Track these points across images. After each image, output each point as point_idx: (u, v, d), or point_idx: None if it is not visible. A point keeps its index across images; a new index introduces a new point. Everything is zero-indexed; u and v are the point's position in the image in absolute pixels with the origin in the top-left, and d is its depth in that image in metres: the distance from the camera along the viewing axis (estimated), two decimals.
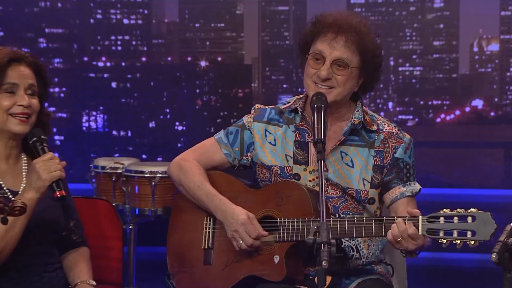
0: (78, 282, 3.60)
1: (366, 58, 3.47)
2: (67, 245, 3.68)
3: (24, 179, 3.57)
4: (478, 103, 5.96)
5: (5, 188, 3.52)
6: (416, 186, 3.56)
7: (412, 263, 4.13)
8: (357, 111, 3.56)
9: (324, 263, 2.82)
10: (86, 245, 3.72)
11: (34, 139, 3.47)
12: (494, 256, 2.73)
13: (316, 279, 3.46)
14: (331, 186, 3.59)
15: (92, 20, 6.13)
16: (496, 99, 5.96)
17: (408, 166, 3.56)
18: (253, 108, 3.73)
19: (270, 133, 3.67)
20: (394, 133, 3.58)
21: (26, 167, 3.61)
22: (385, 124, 3.59)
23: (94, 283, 3.61)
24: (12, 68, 3.48)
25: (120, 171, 4.64)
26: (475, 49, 6.03)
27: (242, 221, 3.45)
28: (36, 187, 3.35)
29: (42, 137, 3.45)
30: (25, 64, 3.54)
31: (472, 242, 3.13)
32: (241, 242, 3.46)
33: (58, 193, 3.30)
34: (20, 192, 3.50)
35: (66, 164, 3.39)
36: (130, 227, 4.67)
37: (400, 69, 5.90)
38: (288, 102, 3.72)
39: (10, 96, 3.47)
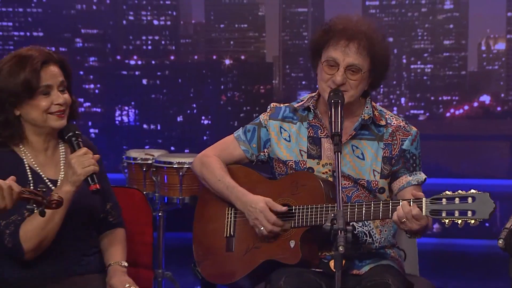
0: (111, 263, 3.62)
1: (376, 61, 3.53)
2: (104, 227, 3.71)
3: (62, 168, 3.60)
4: (486, 98, 5.94)
5: (44, 178, 3.55)
6: (422, 176, 3.63)
7: (422, 248, 4.15)
8: (367, 107, 3.62)
9: (340, 248, 2.87)
10: (122, 226, 3.75)
11: (70, 134, 3.49)
12: (500, 242, 2.76)
13: (330, 263, 3.51)
14: (343, 178, 3.65)
15: (124, 22, 6.15)
16: (502, 95, 5.94)
17: (414, 157, 3.63)
18: (268, 106, 3.81)
19: (285, 130, 3.73)
20: (402, 126, 3.64)
21: (63, 156, 3.64)
22: (393, 118, 3.66)
23: (126, 264, 3.64)
24: (44, 71, 3.50)
25: (150, 162, 4.68)
26: (483, 48, 6.02)
27: (261, 209, 3.52)
28: (72, 181, 3.38)
29: (77, 132, 3.48)
30: (53, 63, 3.56)
31: (472, 221, 3.17)
32: (262, 228, 3.50)
33: (92, 187, 3.33)
34: (59, 181, 3.53)
35: (99, 158, 3.42)
36: (160, 214, 4.71)
37: (412, 66, 5.90)
38: (302, 101, 3.78)
39: (46, 97, 3.50)
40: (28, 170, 3.55)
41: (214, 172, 3.72)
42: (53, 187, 3.52)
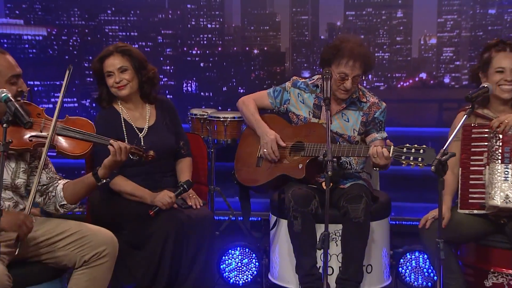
0: (182, 182, 3.61)
1: (367, 69, 3.59)
2: (178, 156, 3.69)
3: (147, 122, 3.58)
4: (423, 75, 5.90)
5: (134, 126, 3.52)
6: (384, 134, 3.71)
7: (382, 173, 4.09)
8: (356, 90, 3.63)
9: (329, 173, 2.86)
10: (190, 156, 3.73)
11: (182, 185, 3.47)
12: (433, 168, 2.74)
13: (322, 183, 3.55)
14: (332, 133, 3.76)
15: (189, 25, 6.14)
16: (434, 73, 5.88)
17: (381, 122, 3.67)
18: (292, 78, 3.88)
19: (300, 95, 3.74)
20: (376, 102, 3.68)
21: (149, 114, 3.61)
22: (370, 97, 3.67)
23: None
24: (107, 61, 3.47)
25: (206, 116, 4.65)
26: (422, 42, 5.94)
27: (270, 137, 3.57)
28: (151, 198, 3.38)
29: (186, 187, 3.44)
30: (115, 53, 3.50)
31: (421, 165, 3.14)
32: (265, 150, 3.58)
33: (151, 212, 3.31)
34: (143, 129, 3.53)
35: (171, 206, 3.35)
36: (212, 150, 4.68)
37: (376, 54, 5.88)
38: (313, 79, 3.81)
39: (110, 78, 3.46)
40: (123, 121, 3.53)
41: (249, 109, 3.75)
42: (139, 133, 3.52)
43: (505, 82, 3.36)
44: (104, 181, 2.92)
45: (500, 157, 3.25)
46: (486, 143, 3.33)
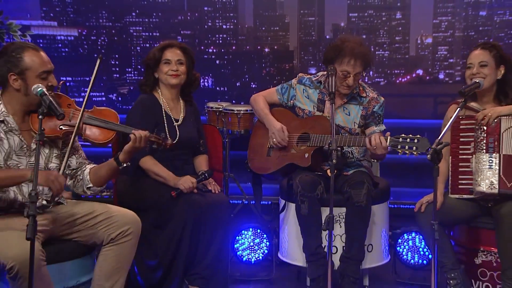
0: (202, 171, 3.63)
1: (367, 66, 3.52)
2: (197, 152, 3.71)
3: (182, 112, 3.63)
4: (420, 71, 5.88)
5: (172, 117, 3.56)
6: (383, 127, 3.70)
7: (381, 161, 4.08)
8: (357, 86, 3.63)
9: (334, 161, 2.86)
10: (207, 153, 3.75)
11: (203, 173, 3.47)
12: (429, 156, 2.74)
13: (327, 170, 3.55)
14: (334, 125, 3.73)
15: (206, 26, 6.12)
16: (430, 70, 5.85)
17: (379, 116, 3.65)
18: (298, 75, 3.86)
19: (306, 91, 3.73)
20: (375, 97, 3.66)
21: (183, 107, 3.65)
22: (370, 92, 3.66)
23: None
24: (168, 51, 3.50)
25: (221, 109, 4.65)
26: (419, 41, 5.91)
27: (278, 128, 3.55)
28: (174, 181, 3.39)
29: (207, 176, 3.44)
30: (176, 47, 3.55)
31: (415, 153, 3.14)
32: (274, 139, 3.57)
33: (173, 192, 3.33)
34: (179, 119, 3.57)
35: (192, 190, 3.35)
36: (226, 140, 4.69)
37: (377, 52, 5.84)
38: (317, 76, 3.79)
39: (167, 65, 3.48)
40: (163, 111, 3.57)
41: (259, 104, 3.76)
42: (174, 122, 3.55)
43: (473, 76, 3.42)
44: (125, 164, 2.94)
45: (484, 147, 3.31)
46: (473, 134, 3.37)
